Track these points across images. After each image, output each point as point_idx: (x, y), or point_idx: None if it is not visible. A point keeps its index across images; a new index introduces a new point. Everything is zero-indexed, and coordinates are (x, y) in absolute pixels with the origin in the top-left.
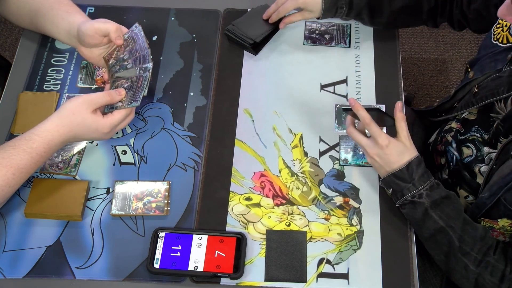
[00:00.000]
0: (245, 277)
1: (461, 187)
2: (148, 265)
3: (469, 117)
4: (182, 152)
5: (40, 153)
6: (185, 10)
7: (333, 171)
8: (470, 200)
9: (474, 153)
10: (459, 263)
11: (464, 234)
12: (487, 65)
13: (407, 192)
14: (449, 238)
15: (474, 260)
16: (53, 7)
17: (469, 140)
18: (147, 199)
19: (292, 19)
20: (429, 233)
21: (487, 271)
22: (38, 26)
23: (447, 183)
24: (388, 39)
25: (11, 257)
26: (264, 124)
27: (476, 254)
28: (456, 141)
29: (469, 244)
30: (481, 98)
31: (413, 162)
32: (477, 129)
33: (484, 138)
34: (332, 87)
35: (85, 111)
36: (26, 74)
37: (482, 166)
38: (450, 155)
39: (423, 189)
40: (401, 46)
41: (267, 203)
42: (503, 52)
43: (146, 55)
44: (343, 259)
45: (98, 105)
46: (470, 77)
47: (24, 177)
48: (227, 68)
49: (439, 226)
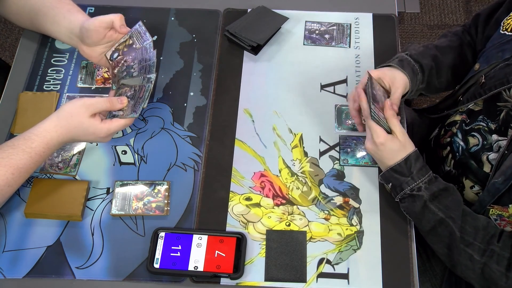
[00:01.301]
0: (245, 277)
1: (466, 177)
2: (148, 265)
3: (475, 108)
4: (182, 152)
5: (39, 153)
6: (185, 10)
7: (333, 171)
8: (476, 190)
9: (481, 142)
10: (463, 254)
11: (465, 224)
12: (494, 55)
13: (406, 186)
14: (450, 229)
15: (478, 250)
16: (54, 6)
17: (475, 130)
18: (147, 199)
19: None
20: (430, 226)
21: (492, 260)
22: (38, 26)
23: (451, 174)
24: (388, 39)
25: (11, 257)
26: (264, 124)
27: (479, 243)
28: (462, 131)
29: (471, 234)
30: (490, 88)
31: (411, 156)
32: (483, 119)
33: (490, 127)
34: (332, 87)
35: (83, 115)
36: (26, 74)
37: (490, 154)
38: (456, 145)
39: (422, 182)
40: (401, 46)
41: (267, 203)
42: (511, 41)
43: (152, 65)
44: (343, 259)
45: (97, 110)
46: (476, 69)
47: (24, 176)
48: (227, 68)
49: (438, 217)
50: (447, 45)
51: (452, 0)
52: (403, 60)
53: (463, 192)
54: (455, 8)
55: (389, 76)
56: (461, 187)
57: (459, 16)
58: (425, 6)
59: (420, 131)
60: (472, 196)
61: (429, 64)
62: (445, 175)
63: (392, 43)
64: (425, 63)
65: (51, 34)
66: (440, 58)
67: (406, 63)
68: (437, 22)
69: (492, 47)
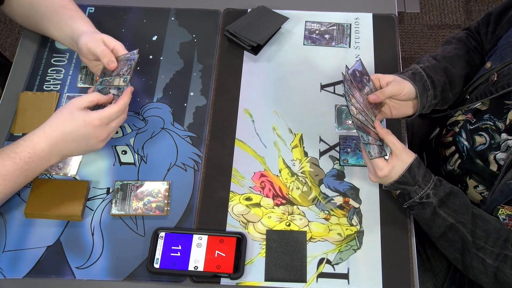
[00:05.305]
0: (245, 277)
1: (470, 177)
2: (148, 265)
3: (481, 107)
4: (182, 152)
5: (24, 159)
6: (185, 10)
7: (333, 171)
8: (480, 189)
9: (488, 141)
10: (475, 258)
11: (476, 228)
12: (508, 53)
13: (414, 195)
14: (460, 234)
15: (491, 254)
16: (58, 11)
17: (482, 129)
18: (147, 199)
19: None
20: (440, 231)
21: (506, 265)
22: (43, 29)
23: (454, 174)
24: (388, 39)
25: (11, 257)
26: (264, 124)
27: (491, 247)
28: (466, 131)
29: (482, 237)
30: (503, 86)
31: (414, 165)
32: (489, 118)
33: (498, 126)
34: (332, 87)
35: (72, 107)
36: (26, 74)
37: (497, 153)
38: (461, 145)
39: (429, 189)
40: (401, 46)
41: (267, 203)
42: None
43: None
44: (343, 259)
45: (86, 101)
46: (487, 68)
47: (10, 186)
48: (227, 68)
49: (449, 223)
50: (455, 54)
51: (452, 0)
52: (416, 74)
53: (466, 192)
54: (455, 8)
55: (398, 82)
56: (464, 187)
57: (459, 16)
58: (425, 6)
59: (421, 131)
60: (475, 195)
61: (442, 80)
62: (447, 175)
63: (392, 43)
64: (437, 79)
65: (55, 38)
66: (451, 69)
67: (418, 77)
68: (437, 22)
69: (506, 45)
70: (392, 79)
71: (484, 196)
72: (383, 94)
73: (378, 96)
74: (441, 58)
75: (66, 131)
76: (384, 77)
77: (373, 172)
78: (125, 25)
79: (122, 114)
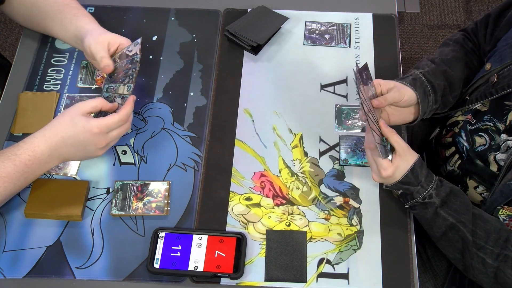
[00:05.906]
0: (245, 277)
1: (470, 177)
2: (148, 265)
3: (481, 108)
4: (182, 152)
5: (24, 161)
6: (185, 10)
7: (333, 171)
8: (480, 190)
9: (488, 142)
10: (475, 258)
11: (476, 228)
12: (508, 54)
13: (417, 195)
14: (461, 233)
15: (491, 254)
16: (61, 10)
17: (482, 130)
18: (147, 199)
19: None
20: (441, 231)
21: (506, 265)
22: (46, 29)
23: (454, 174)
24: (388, 39)
25: (11, 257)
26: (264, 124)
27: (492, 247)
28: (466, 131)
29: (483, 237)
30: (503, 87)
31: (416, 165)
32: (489, 119)
33: (498, 127)
34: (332, 87)
35: (74, 111)
36: (26, 74)
37: (497, 154)
38: (460, 145)
39: (432, 189)
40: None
41: (267, 203)
42: None
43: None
44: (343, 259)
45: (89, 106)
46: (487, 69)
47: (9, 188)
48: (227, 68)
49: (449, 222)
50: (453, 57)
51: (452, 0)
52: (417, 80)
53: (466, 192)
54: (455, 8)
55: (399, 89)
56: (465, 188)
57: (459, 16)
58: (425, 6)
59: (421, 131)
60: (475, 196)
61: (441, 84)
62: (447, 175)
63: (392, 43)
64: (438, 83)
65: (59, 37)
66: (450, 72)
67: (419, 83)
68: (437, 22)
69: (505, 46)
70: (392, 85)
71: (484, 197)
72: (385, 100)
73: (381, 102)
74: (440, 61)
75: (66, 135)
76: (385, 84)
77: (376, 172)
78: (125, 25)
79: (125, 123)
